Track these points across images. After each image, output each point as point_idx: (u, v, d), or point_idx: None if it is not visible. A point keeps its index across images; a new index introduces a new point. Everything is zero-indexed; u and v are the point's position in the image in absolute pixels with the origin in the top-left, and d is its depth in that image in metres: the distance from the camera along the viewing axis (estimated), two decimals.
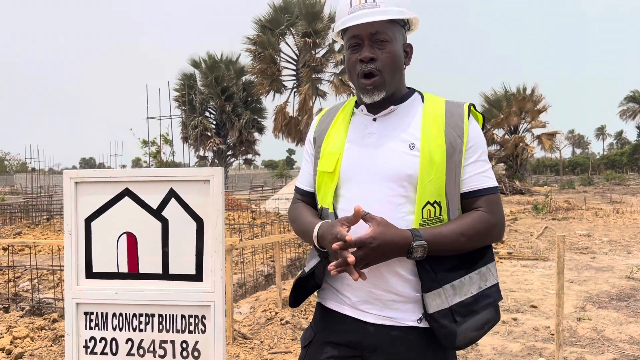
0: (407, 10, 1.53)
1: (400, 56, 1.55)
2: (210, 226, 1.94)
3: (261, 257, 8.04)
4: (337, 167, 1.56)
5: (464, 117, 1.52)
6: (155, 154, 23.11)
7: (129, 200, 2.00)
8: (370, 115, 1.59)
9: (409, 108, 1.58)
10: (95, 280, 1.99)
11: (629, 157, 60.90)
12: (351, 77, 1.58)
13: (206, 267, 1.96)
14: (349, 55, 1.56)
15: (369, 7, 1.49)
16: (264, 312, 4.71)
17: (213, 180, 1.92)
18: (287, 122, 27.40)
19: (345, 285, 1.57)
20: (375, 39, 1.50)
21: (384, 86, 1.52)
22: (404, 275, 1.47)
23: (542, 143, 32.98)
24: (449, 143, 1.48)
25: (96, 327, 1.99)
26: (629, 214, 14.23)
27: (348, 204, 1.53)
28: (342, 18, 1.55)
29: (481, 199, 1.49)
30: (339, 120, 1.67)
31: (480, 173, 1.51)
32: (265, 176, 58.92)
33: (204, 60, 32.22)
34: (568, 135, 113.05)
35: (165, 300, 1.97)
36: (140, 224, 1.99)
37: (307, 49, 26.49)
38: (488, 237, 1.50)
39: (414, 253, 1.38)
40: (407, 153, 1.48)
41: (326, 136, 1.65)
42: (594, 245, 9.46)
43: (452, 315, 1.43)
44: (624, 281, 6.52)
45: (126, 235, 2.00)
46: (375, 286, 1.49)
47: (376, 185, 1.49)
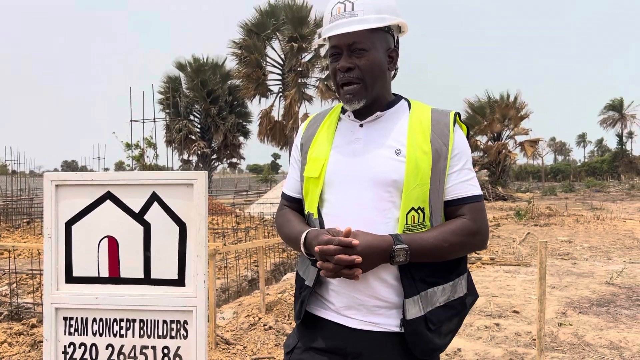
0: (389, 16, 1.52)
1: (380, 63, 1.54)
2: (193, 230, 1.92)
3: (245, 262, 8.00)
4: (322, 172, 1.56)
5: (450, 125, 1.53)
6: (138, 157, 22.88)
7: (111, 204, 1.98)
8: (356, 121, 1.59)
9: (396, 115, 1.58)
10: (75, 285, 1.97)
11: (609, 165, 61.80)
12: (334, 85, 1.59)
13: (188, 271, 1.94)
14: (330, 64, 1.57)
15: (347, 16, 1.49)
16: (247, 317, 4.68)
17: (196, 184, 1.91)
18: (273, 127, 27.38)
19: (329, 291, 1.56)
20: (353, 48, 1.50)
21: (364, 94, 1.52)
22: (388, 280, 1.48)
23: (525, 150, 33.34)
24: (435, 150, 1.48)
25: (76, 333, 1.96)
26: (609, 221, 14.42)
27: (333, 209, 1.53)
28: (325, 27, 1.56)
29: (465, 207, 1.49)
30: (325, 126, 1.67)
31: (465, 181, 1.52)
32: (250, 180, 58.77)
33: (190, 63, 32.07)
34: (550, 143, 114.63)
35: (146, 305, 1.94)
36: (122, 228, 1.97)
37: (293, 53, 26.51)
38: (470, 245, 1.51)
39: (396, 257, 1.38)
40: (393, 159, 1.48)
41: (313, 142, 1.65)
42: (575, 251, 9.56)
43: (425, 322, 1.45)
44: (604, 287, 6.60)
45: (107, 239, 1.98)
46: (359, 292, 1.49)
47: (361, 191, 1.49)
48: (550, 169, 69.83)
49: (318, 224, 1.55)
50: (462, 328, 4.83)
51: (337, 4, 1.52)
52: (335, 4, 1.53)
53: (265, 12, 27.56)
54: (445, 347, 1.52)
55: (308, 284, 1.58)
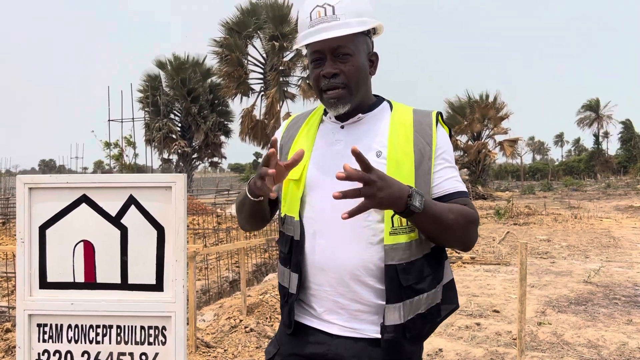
0: (369, 19, 1.50)
1: (365, 68, 1.52)
2: (172, 234, 1.88)
3: (226, 263, 7.94)
4: (303, 174, 1.53)
5: (433, 125, 1.52)
6: (117, 156, 22.61)
7: (87, 207, 1.93)
8: (338, 122, 1.57)
9: (378, 116, 1.57)
10: (49, 291, 1.91)
11: (586, 164, 62.89)
12: (316, 91, 1.56)
13: (167, 276, 1.90)
14: (312, 70, 1.53)
15: (329, 20, 1.45)
16: (228, 319, 4.63)
17: (175, 186, 1.86)
18: (254, 126, 27.27)
19: (310, 296, 1.53)
20: (337, 53, 1.47)
21: (349, 99, 1.50)
22: (371, 284, 1.45)
23: (504, 149, 33.71)
24: (418, 151, 1.46)
25: (50, 340, 1.90)
26: (586, 220, 14.65)
27: (314, 211, 1.51)
28: (303, 31, 1.51)
29: (457, 200, 1.47)
30: (307, 127, 1.64)
31: (452, 178, 1.50)
32: (232, 180, 58.48)
33: (170, 61, 31.81)
34: (528, 142, 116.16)
35: (123, 311, 1.90)
36: (98, 232, 1.92)
37: (274, 52, 26.44)
38: (470, 231, 1.45)
39: (413, 199, 1.30)
40: (373, 161, 1.44)
41: (293, 143, 1.62)
42: (554, 250, 9.69)
43: (403, 330, 1.42)
44: (582, 285, 6.69)
45: (83, 244, 1.93)
46: (341, 295, 1.47)
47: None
48: (529, 168, 70.76)
49: (299, 227, 1.52)
50: (444, 328, 4.85)
51: (316, 8, 1.48)
52: (313, 8, 1.48)
53: (247, 10, 27.44)
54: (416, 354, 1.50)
55: (292, 291, 1.54)
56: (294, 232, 1.53)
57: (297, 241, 1.52)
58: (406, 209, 1.31)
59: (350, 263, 1.44)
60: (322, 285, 1.49)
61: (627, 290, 6.40)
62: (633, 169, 50.75)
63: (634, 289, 6.42)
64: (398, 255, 1.42)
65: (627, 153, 58.91)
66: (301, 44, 1.52)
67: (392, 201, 1.29)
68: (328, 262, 1.47)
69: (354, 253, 1.44)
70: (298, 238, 1.52)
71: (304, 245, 1.52)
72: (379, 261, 1.44)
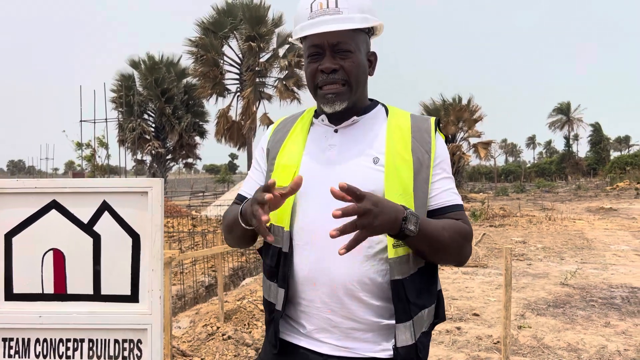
0: (371, 16, 1.42)
1: (365, 66, 1.45)
2: (148, 242, 1.78)
3: (202, 267, 7.79)
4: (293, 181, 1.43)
5: (431, 131, 1.45)
6: (89, 157, 22.16)
7: (57, 214, 1.82)
8: (331, 126, 1.47)
9: (373, 120, 1.48)
10: (16, 303, 1.79)
11: (557, 166, 64.14)
12: (310, 87, 1.46)
13: (142, 287, 1.79)
14: (308, 64, 1.44)
15: (331, 13, 1.36)
16: (205, 326, 4.50)
17: (151, 192, 1.76)
18: (230, 126, 27.06)
19: (299, 313, 1.43)
20: (337, 48, 1.39)
21: (347, 96, 1.41)
22: (365, 300, 1.35)
23: (478, 152, 34.10)
24: (417, 158, 1.39)
25: (16, 355, 1.79)
26: (560, 221, 14.86)
27: (305, 222, 1.40)
28: (302, 23, 1.42)
29: (453, 214, 1.40)
30: (296, 130, 1.53)
31: (449, 190, 1.43)
32: (207, 181, 57.97)
33: (144, 61, 31.36)
34: (501, 144, 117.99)
35: (96, 324, 1.79)
36: (69, 240, 1.81)
37: (251, 53, 26.29)
38: (464, 247, 1.38)
39: (408, 223, 1.22)
40: (370, 167, 1.37)
41: (282, 148, 1.51)
42: (530, 252, 9.78)
43: (416, 351, 1.34)
44: (559, 287, 6.73)
45: (52, 252, 1.81)
46: (333, 312, 1.37)
47: (334, 202, 1.37)
48: (502, 170, 71.85)
49: (289, 239, 1.41)
50: None
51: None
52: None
53: (223, 10, 27.24)
54: None
55: (278, 308, 1.43)
56: (283, 243, 1.42)
57: (285, 253, 1.41)
58: (400, 232, 1.24)
59: (343, 277, 1.35)
60: (312, 301, 1.39)
61: (603, 292, 6.46)
62: (602, 171, 51.91)
63: (610, 291, 6.49)
64: (403, 270, 1.34)
65: (597, 155, 60.29)
66: (300, 35, 1.42)
67: (388, 227, 1.22)
68: (319, 276, 1.37)
69: (348, 266, 1.35)
70: (287, 250, 1.41)
71: (293, 257, 1.42)
72: (375, 275, 1.35)
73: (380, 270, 1.35)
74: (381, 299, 1.36)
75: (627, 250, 9.89)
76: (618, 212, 18.24)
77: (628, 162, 46.50)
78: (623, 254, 9.46)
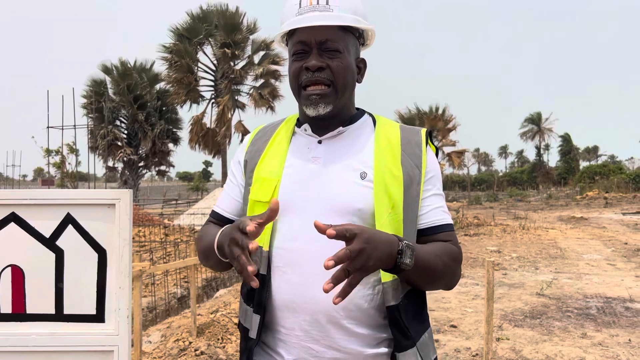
0: (363, 19, 1.34)
1: (353, 70, 1.35)
2: (115, 258, 1.66)
3: (174, 278, 7.59)
4: (275, 196, 1.32)
5: (422, 144, 1.35)
6: (59, 164, 21.67)
7: (16, 227, 1.69)
8: (314, 136, 1.37)
9: (360, 131, 1.38)
10: None
11: (529, 175, 65.21)
12: (293, 87, 1.36)
13: (109, 305, 1.67)
14: (292, 62, 1.34)
15: (321, 9, 1.28)
16: (177, 341, 4.34)
17: (119, 204, 1.64)
18: (205, 134, 26.80)
19: (277, 341, 1.32)
20: (325, 47, 1.29)
21: (333, 98, 1.31)
22: (349, 327, 1.25)
23: (452, 160, 34.49)
24: (406, 173, 1.29)
25: None
26: (534, 230, 15.04)
27: (285, 241, 1.29)
28: (289, 19, 1.32)
29: (443, 234, 1.31)
30: (277, 140, 1.42)
31: (439, 207, 1.34)
32: (180, 189, 57.31)
33: (116, 66, 30.83)
34: (474, 154, 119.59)
35: (58, 346, 1.67)
36: (29, 256, 1.68)
37: (225, 59, 26.13)
38: (456, 271, 1.30)
39: (403, 256, 1.12)
40: (357, 183, 1.28)
41: (260, 159, 1.40)
42: (505, 262, 9.83)
43: None
44: (535, 298, 6.75)
45: (11, 269, 1.68)
46: (315, 341, 1.26)
47: (320, 219, 1.27)
48: (475, 179, 72.73)
49: (266, 259, 1.30)
50: None
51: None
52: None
53: (197, 16, 27.04)
54: None
55: (252, 336, 1.32)
56: (260, 264, 1.31)
57: (262, 276, 1.30)
58: (395, 267, 1.14)
59: (326, 303, 1.23)
60: (292, 328, 1.28)
61: (578, 302, 6.50)
62: (572, 180, 52.96)
63: (585, 301, 6.53)
64: (397, 294, 1.24)
65: (567, 165, 61.55)
66: (286, 29, 1.32)
67: (383, 264, 1.12)
68: (299, 302, 1.26)
69: (331, 292, 1.25)
70: (264, 272, 1.30)
71: (271, 280, 1.31)
72: (360, 301, 1.25)
73: (366, 295, 1.26)
74: (367, 326, 1.27)
75: (599, 259, 10.02)
76: (589, 221, 18.56)
77: (597, 171, 47.55)
78: (596, 263, 9.59)
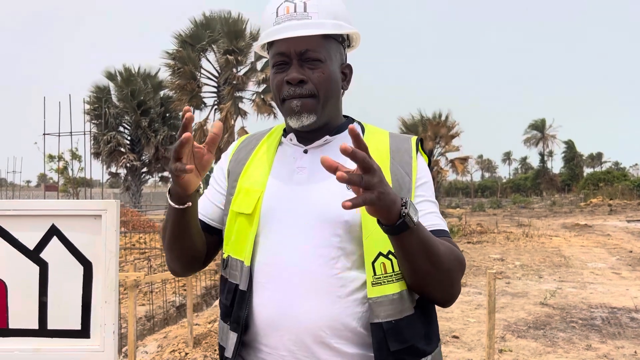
0: (345, 23, 1.28)
1: (337, 78, 1.30)
2: (101, 271, 1.60)
3: (173, 286, 7.52)
4: (258, 208, 1.26)
5: (412, 152, 1.30)
6: (62, 170, 21.68)
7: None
8: (300, 146, 1.32)
9: (347, 140, 1.33)
10: None
11: (532, 182, 65.05)
12: (276, 100, 1.31)
13: (94, 320, 1.61)
14: (273, 75, 1.29)
15: (298, 17, 1.22)
16: (173, 352, 4.27)
17: (105, 215, 1.58)
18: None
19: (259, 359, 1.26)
20: (305, 57, 1.24)
21: (316, 110, 1.26)
22: (337, 347, 1.18)
23: (455, 167, 34.33)
24: (396, 182, 1.24)
25: None
26: (537, 238, 14.92)
27: (267, 256, 1.23)
28: (267, 29, 1.28)
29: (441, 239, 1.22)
30: (262, 149, 1.38)
31: (433, 213, 1.27)
32: None
33: (120, 72, 30.94)
34: (478, 160, 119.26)
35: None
36: (12, 268, 1.62)
37: (228, 66, 26.14)
38: (459, 267, 1.19)
39: (409, 208, 1.02)
40: (343, 194, 1.20)
41: (244, 169, 1.35)
42: (508, 270, 9.73)
43: None
44: (539, 307, 6.65)
45: None
46: (295, 358, 1.20)
47: (304, 232, 1.21)
48: (478, 186, 72.58)
49: (248, 276, 1.24)
50: None
51: (284, 3, 1.25)
52: (281, 3, 1.25)
53: (201, 23, 27.09)
54: None
55: (227, 355, 1.26)
56: (240, 279, 1.25)
57: (242, 292, 1.24)
58: (399, 219, 1.02)
59: (312, 321, 1.17)
60: (276, 348, 1.22)
61: (582, 312, 6.40)
62: (576, 187, 52.78)
63: (590, 311, 6.43)
64: (385, 311, 1.15)
65: (570, 172, 61.36)
66: (264, 41, 1.28)
67: (389, 202, 1.00)
68: (283, 320, 1.19)
69: (317, 309, 1.17)
70: (244, 288, 1.24)
71: (252, 297, 1.24)
72: (348, 319, 1.18)
73: (355, 313, 1.18)
74: (357, 345, 1.19)
75: (604, 268, 9.91)
76: (593, 229, 18.43)
77: (601, 178, 47.38)
78: (600, 272, 9.48)
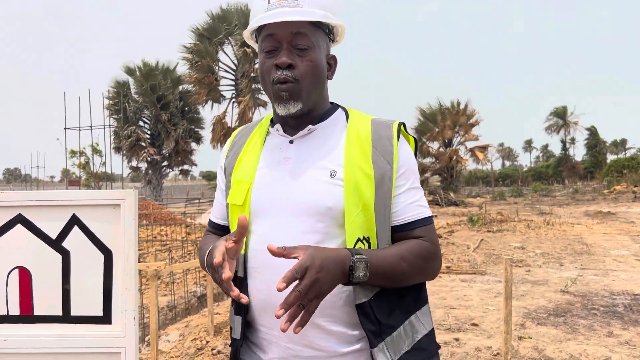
0: (333, 15, 1.33)
1: (323, 67, 1.34)
2: (121, 259, 1.65)
3: (194, 277, 7.63)
4: (247, 198, 1.33)
5: (394, 139, 1.32)
6: (84, 164, 22.05)
7: (22, 229, 1.69)
8: (286, 136, 1.37)
9: (331, 128, 1.37)
10: None
11: (554, 169, 64.12)
12: (264, 85, 1.35)
13: (115, 307, 1.66)
14: (263, 60, 1.33)
15: (290, 5, 1.27)
16: (194, 340, 4.35)
17: (124, 204, 1.63)
18: (226, 133, 26.91)
19: (260, 339, 1.34)
20: (295, 43, 1.29)
21: (302, 96, 1.30)
22: (324, 326, 1.25)
23: (475, 155, 34.05)
24: (378, 170, 1.28)
25: None
26: (558, 226, 14.75)
27: (259, 242, 1.30)
28: (258, 16, 1.32)
29: (417, 230, 1.30)
30: (252, 142, 1.43)
31: (414, 202, 1.32)
32: (203, 188, 57.71)
33: (139, 67, 31.27)
34: (498, 148, 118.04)
35: (65, 348, 1.66)
36: (36, 257, 1.68)
37: (246, 59, 26.19)
38: (427, 270, 1.31)
39: (356, 270, 1.15)
40: (327, 182, 1.27)
41: (237, 162, 1.42)
42: (528, 258, 9.65)
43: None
44: (559, 295, 6.60)
45: (18, 271, 1.69)
46: (292, 341, 1.27)
47: (290, 220, 1.27)
48: (499, 174, 71.87)
49: (242, 261, 1.33)
50: None
51: None
52: None
53: (217, 16, 27.17)
54: None
55: (236, 336, 1.35)
56: (238, 266, 1.33)
57: (240, 278, 1.33)
58: (349, 282, 1.18)
59: None
60: (271, 328, 1.30)
61: (604, 299, 6.33)
62: (599, 174, 51.89)
63: (611, 299, 6.36)
64: (366, 292, 1.24)
65: (593, 159, 60.28)
66: (255, 25, 1.33)
67: (336, 283, 1.16)
68: (275, 301, 1.22)
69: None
70: (241, 274, 1.32)
71: (248, 282, 1.32)
72: (333, 298, 1.24)
73: (338, 293, 1.25)
74: (343, 323, 1.26)
75: (627, 255, 9.77)
76: (616, 216, 18.14)
77: (625, 165, 46.46)
78: (623, 259, 9.35)
